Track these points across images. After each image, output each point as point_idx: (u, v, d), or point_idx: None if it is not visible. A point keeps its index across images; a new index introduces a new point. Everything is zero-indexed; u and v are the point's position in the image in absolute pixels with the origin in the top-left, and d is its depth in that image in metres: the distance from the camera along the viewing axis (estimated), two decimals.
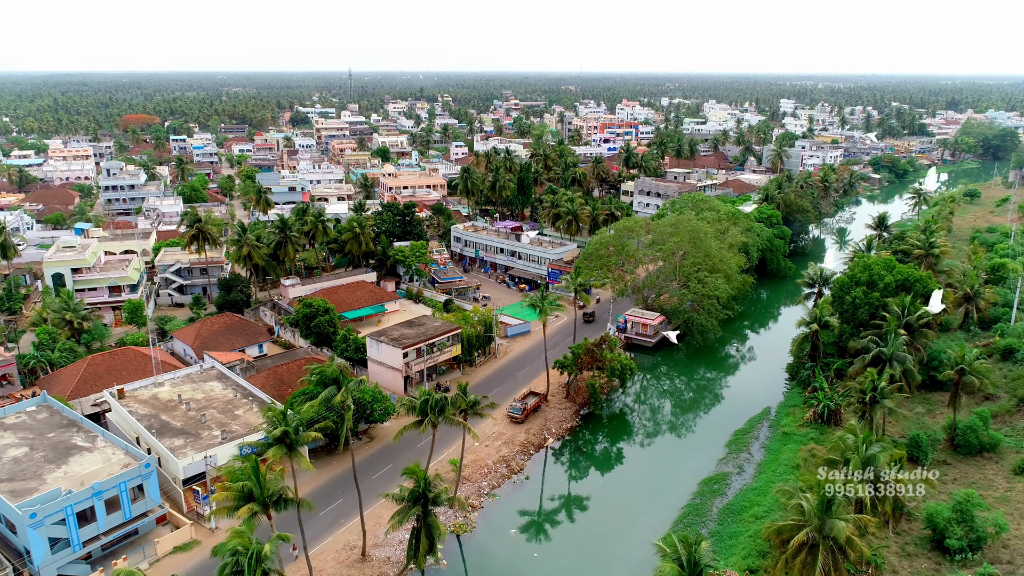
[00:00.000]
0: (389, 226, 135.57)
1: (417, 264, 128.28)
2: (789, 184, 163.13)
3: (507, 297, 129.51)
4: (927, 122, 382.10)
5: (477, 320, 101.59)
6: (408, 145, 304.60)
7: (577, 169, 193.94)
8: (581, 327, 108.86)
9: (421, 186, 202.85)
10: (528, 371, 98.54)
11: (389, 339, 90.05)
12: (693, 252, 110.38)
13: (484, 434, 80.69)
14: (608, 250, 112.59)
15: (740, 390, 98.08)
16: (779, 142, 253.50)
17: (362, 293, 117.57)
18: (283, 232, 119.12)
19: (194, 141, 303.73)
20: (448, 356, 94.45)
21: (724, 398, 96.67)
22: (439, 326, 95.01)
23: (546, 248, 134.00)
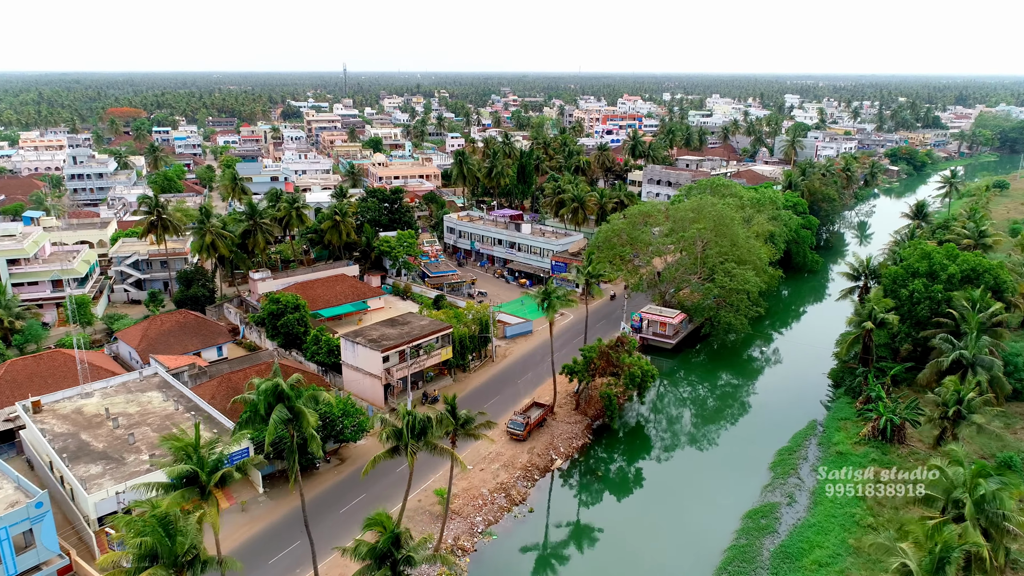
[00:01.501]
0: (374, 214, 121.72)
1: (405, 256, 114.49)
2: (813, 171, 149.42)
3: (506, 293, 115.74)
4: (940, 115, 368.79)
5: (471, 318, 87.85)
6: (402, 137, 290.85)
7: (581, 157, 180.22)
8: (593, 325, 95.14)
9: (413, 176, 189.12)
10: (531, 377, 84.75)
11: (367, 340, 76.22)
12: (717, 241, 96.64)
13: (479, 455, 66.86)
14: (621, 239, 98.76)
15: (776, 400, 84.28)
16: (792, 132, 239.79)
17: (341, 288, 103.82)
18: (252, 219, 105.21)
19: (177, 133, 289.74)
20: (437, 360, 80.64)
21: (758, 409, 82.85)
22: (426, 325, 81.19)
23: (549, 239, 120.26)
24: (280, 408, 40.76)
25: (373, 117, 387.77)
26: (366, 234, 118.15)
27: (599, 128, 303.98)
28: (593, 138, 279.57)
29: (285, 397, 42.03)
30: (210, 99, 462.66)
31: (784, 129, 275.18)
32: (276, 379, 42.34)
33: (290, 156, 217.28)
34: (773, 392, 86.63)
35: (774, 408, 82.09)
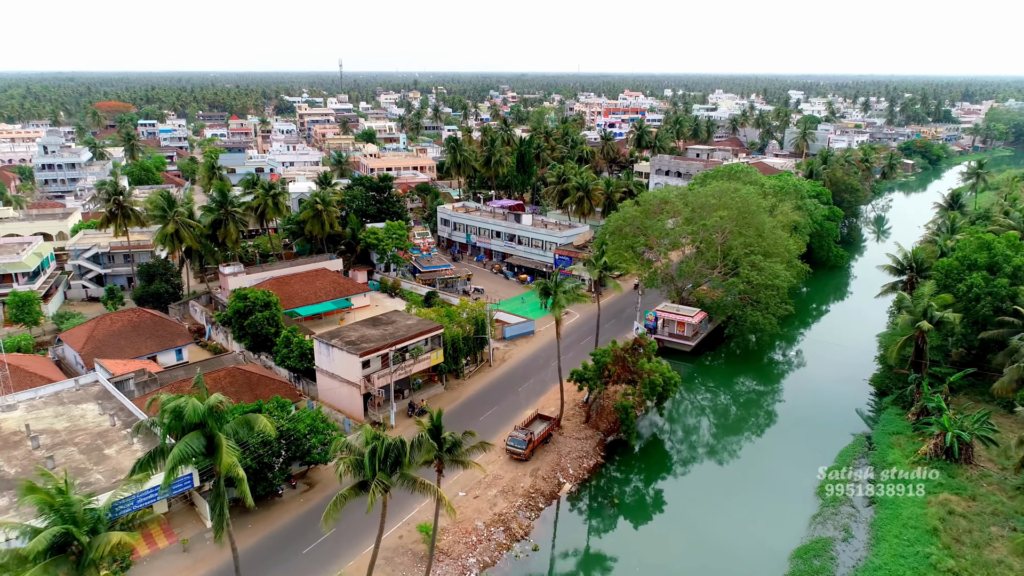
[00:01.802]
0: (360, 203, 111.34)
1: (394, 250, 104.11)
2: (834, 159, 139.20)
3: (504, 289, 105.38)
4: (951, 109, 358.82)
5: (466, 317, 77.53)
6: (397, 131, 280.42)
7: (584, 147, 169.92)
8: (602, 325, 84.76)
9: (407, 167, 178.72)
10: (533, 385, 74.42)
11: (343, 343, 65.78)
12: (741, 231, 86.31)
13: (472, 479, 56.47)
14: (633, 228, 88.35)
15: (811, 410, 73.94)
16: (803, 124, 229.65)
17: (322, 284, 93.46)
18: (223, 207, 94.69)
19: (164, 126, 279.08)
20: (426, 365, 70.23)
21: (792, 421, 72.48)
22: (413, 325, 70.79)
23: (552, 231, 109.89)
24: (191, 439, 30.22)
25: (368, 112, 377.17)
26: (351, 225, 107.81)
27: (601, 121, 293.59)
28: (595, 131, 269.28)
29: (202, 423, 31.36)
30: (201, 94, 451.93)
31: (794, 121, 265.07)
32: (184, 398, 31.69)
33: (278, 148, 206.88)
34: (807, 401, 76.23)
35: (811, 420, 71.77)
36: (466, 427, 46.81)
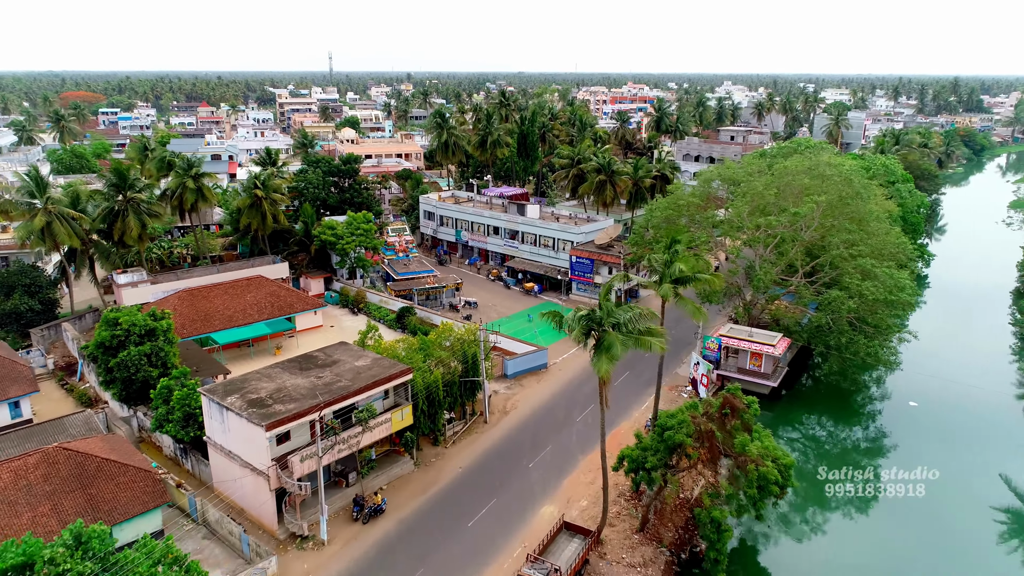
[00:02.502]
0: (317, 190, 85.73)
1: (359, 250, 78.62)
2: (908, 138, 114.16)
3: (504, 302, 79.96)
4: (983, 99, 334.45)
5: (450, 347, 52.14)
6: (383, 119, 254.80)
7: (597, 129, 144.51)
8: (637, 358, 58.74)
9: (390, 154, 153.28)
10: (551, 457, 48.97)
11: (244, 402, 40.20)
12: (840, 223, 60.97)
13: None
14: (689, 215, 63.00)
15: (981, 489, 48.55)
16: (836, 110, 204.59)
17: (254, 298, 67.88)
18: (121, 193, 68.97)
19: (126, 114, 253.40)
20: (385, 432, 44.70)
21: (962, 514, 46.97)
22: (366, 368, 45.25)
23: (566, 225, 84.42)
24: None
25: (356, 102, 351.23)
26: (304, 218, 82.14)
27: (607, 110, 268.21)
28: (602, 120, 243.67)
29: None
30: (178, 85, 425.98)
31: (821, 107, 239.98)
32: None
33: (243, 134, 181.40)
34: (968, 473, 50.77)
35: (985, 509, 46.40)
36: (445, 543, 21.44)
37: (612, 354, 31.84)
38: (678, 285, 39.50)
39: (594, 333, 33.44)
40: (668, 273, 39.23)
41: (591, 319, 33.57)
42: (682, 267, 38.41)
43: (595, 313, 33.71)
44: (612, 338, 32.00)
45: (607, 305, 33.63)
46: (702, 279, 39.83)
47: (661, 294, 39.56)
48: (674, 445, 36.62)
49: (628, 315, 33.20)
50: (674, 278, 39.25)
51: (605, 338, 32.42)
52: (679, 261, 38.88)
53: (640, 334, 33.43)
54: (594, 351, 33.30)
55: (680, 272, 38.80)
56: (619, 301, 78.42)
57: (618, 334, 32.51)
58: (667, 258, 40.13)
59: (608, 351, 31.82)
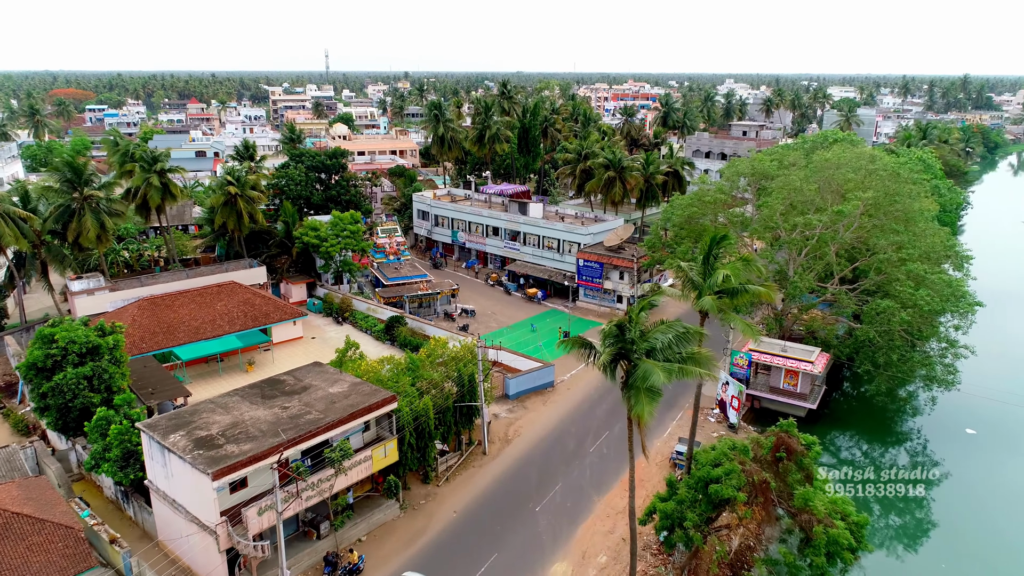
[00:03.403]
0: (299, 187, 78.46)
1: (345, 253, 71.37)
2: (936, 132, 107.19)
3: (505, 309, 72.74)
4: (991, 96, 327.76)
5: (443, 364, 44.96)
6: (378, 116, 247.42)
7: (602, 124, 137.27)
8: None
9: (383, 151, 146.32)
10: (562, 496, 41.71)
11: (189, 441, 32.93)
12: (887, 223, 53.80)
13: None
14: (713, 214, 55.77)
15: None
16: (847, 106, 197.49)
17: (226, 306, 60.62)
18: (76, 190, 61.63)
19: (113, 111, 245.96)
20: (363, 474, 37.44)
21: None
22: (341, 396, 37.97)
23: (572, 226, 77.18)
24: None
25: (351, 100, 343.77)
26: (285, 218, 74.85)
27: (609, 107, 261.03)
28: (604, 116, 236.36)
29: None
30: (171, 82, 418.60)
31: (829, 104, 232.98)
32: None
33: (231, 130, 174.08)
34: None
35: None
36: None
37: (652, 389, 24.57)
38: (722, 297, 32.24)
39: (623, 362, 26.17)
40: (710, 283, 31.86)
41: (620, 342, 26.27)
42: (728, 274, 31.05)
43: (624, 334, 26.40)
44: (649, 367, 24.66)
45: (640, 323, 26.34)
46: (752, 291, 32.50)
47: (701, 308, 32.21)
48: (720, 501, 29.36)
49: (668, 336, 25.95)
50: (717, 289, 31.94)
51: (639, 367, 25.14)
52: (724, 268, 31.53)
53: (683, 361, 26.16)
54: (624, 385, 26.02)
55: (726, 281, 31.45)
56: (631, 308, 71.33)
57: (656, 362, 25.23)
58: (699, 268, 32.59)
59: (646, 384, 24.51)
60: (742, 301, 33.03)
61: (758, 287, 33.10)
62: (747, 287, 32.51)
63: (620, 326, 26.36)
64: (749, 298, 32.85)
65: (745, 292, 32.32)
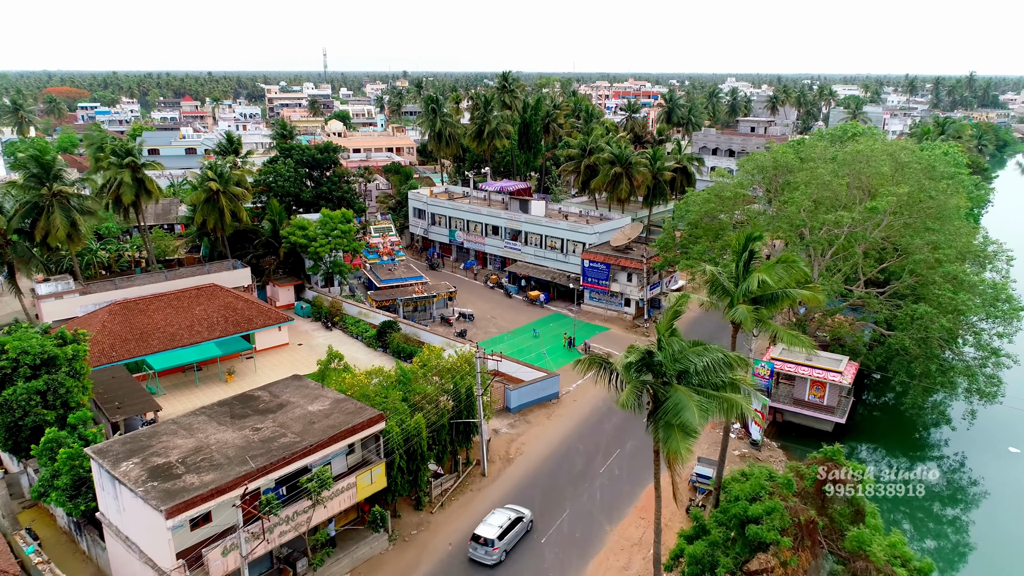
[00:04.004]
0: (288, 184, 74.10)
1: (335, 253, 67.03)
2: (957, 130, 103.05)
3: (506, 313, 68.38)
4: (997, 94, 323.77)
5: (438, 374, 40.66)
6: (376, 113, 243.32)
7: (606, 120, 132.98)
8: None
9: (380, 148, 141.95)
10: (570, 526, 37.36)
11: (146, 472, 28.54)
12: (920, 221, 49.50)
13: None
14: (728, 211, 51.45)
15: None
16: (853, 104, 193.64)
17: (205, 311, 56.31)
18: (44, 185, 57.29)
19: (104, 108, 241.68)
20: (346, 504, 33.08)
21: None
22: (322, 414, 33.63)
23: (577, 224, 72.87)
24: None
25: (349, 98, 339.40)
26: (272, 216, 70.48)
27: (610, 104, 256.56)
28: (606, 114, 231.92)
29: None
30: (166, 81, 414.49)
31: (836, 100, 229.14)
32: None
33: (224, 127, 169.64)
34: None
35: None
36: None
37: (685, 424, 20.21)
38: (758, 306, 27.86)
39: (649, 388, 21.80)
40: (742, 289, 27.44)
41: (647, 366, 21.90)
42: (765, 279, 26.61)
43: (652, 356, 22.03)
44: (682, 400, 20.29)
45: (672, 344, 21.95)
46: (796, 296, 28.10)
47: (734, 319, 27.82)
48: (757, 542, 25.01)
49: (705, 359, 21.63)
50: (753, 296, 27.54)
51: (671, 397, 20.79)
52: (761, 271, 27.03)
53: (718, 387, 21.82)
54: (651, 417, 21.65)
55: (763, 287, 27.00)
56: (639, 312, 66.98)
57: (689, 390, 20.87)
58: (731, 271, 28.06)
59: (679, 418, 20.14)
60: (781, 308, 28.73)
61: (800, 291, 28.68)
62: (788, 291, 28.12)
63: (649, 352, 21.90)
64: (789, 303, 28.54)
65: (786, 297, 27.93)
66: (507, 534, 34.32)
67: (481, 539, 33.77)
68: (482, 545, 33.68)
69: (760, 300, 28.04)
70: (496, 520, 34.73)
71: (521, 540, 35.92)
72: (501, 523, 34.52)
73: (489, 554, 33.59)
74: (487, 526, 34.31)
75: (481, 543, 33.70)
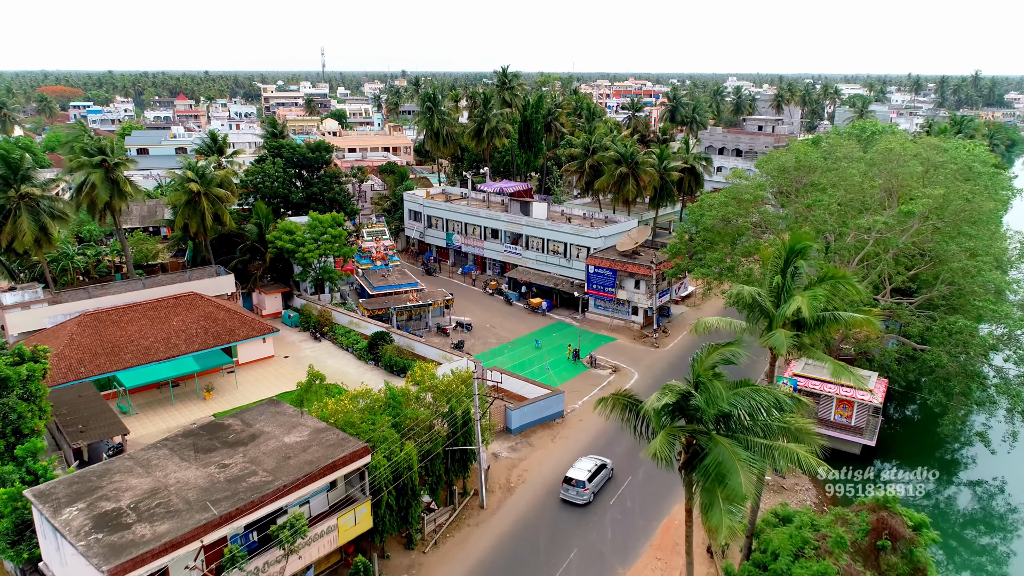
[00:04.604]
0: (277, 185, 70.16)
1: (324, 259, 63.12)
2: (976, 128, 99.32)
3: (506, 322, 64.48)
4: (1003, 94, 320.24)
5: (432, 396, 36.86)
6: (373, 112, 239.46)
7: (609, 119, 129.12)
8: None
9: (376, 148, 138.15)
10: (576, 570, 33.40)
11: (90, 520, 24.59)
12: (956, 225, 45.65)
13: None
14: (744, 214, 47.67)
15: None
16: (861, 103, 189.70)
17: (183, 322, 52.44)
18: (11, 187, 53.38)
19: (97, 107, 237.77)
20: (327, 549, 29.15)
21: None
22: (299, 446, 29.68)
23: (581, 227, 68.98)
24: None
25: (346, 97, 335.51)
26: (258, 219, 66.53)
27: (611, 103, 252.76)
28: (607, 113, 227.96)
29: None
30: (162, 80, 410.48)
31: (841, 100, 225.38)
32: None
33: (216, 126, 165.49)
34: None
35: None
36: None
37: (730, 488, 16.33)
38: (802, 332, 23.89)
39: (682, 436, 17.92)
40: (783, 311, 23.40)
41: (680, 411, 17.99)
42: (810, 302, 22.44)
43: (690, 399, 18.09)
44: (725, 457, 16.34)
45: (713, 386, 17.98)
46: (847, 321, 24.08)
47: (770, 344, 23.83)
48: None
49: (753, 401, 17.72)
50: (796, 318, 23.54)
51: (711, 451, 16.89)
52: (812, 291, 22.84)
53: (771, 433, 17.90)
54: (685, 469, 17.74)
55: (812, 308, 22.84)
56: (648, 321, 63.07)
57: (734, 444, 16.94)
58: (777, 282, 23.90)
59: (722, 481, 16.26)
60: (829, 334, 24.85)
61: (853, 315, 24.70)
62: (838, 315, 24.20)
63: (687, 395, 17.97)
64: (839, 328, 24.71)
65: (835, 322, 24.05)
66: (595, 477, 38.50)
67: (573, 481, 37.89)
68: (573, 486, 37.77)
69: (803, 324, 24.11)
70: (584, 465, 39.08)
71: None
72: (589, 468, 38.78)
73: (580, 494, 37.65)
74: (577, 469, 38.55)
75: (572, 484, 37.83)
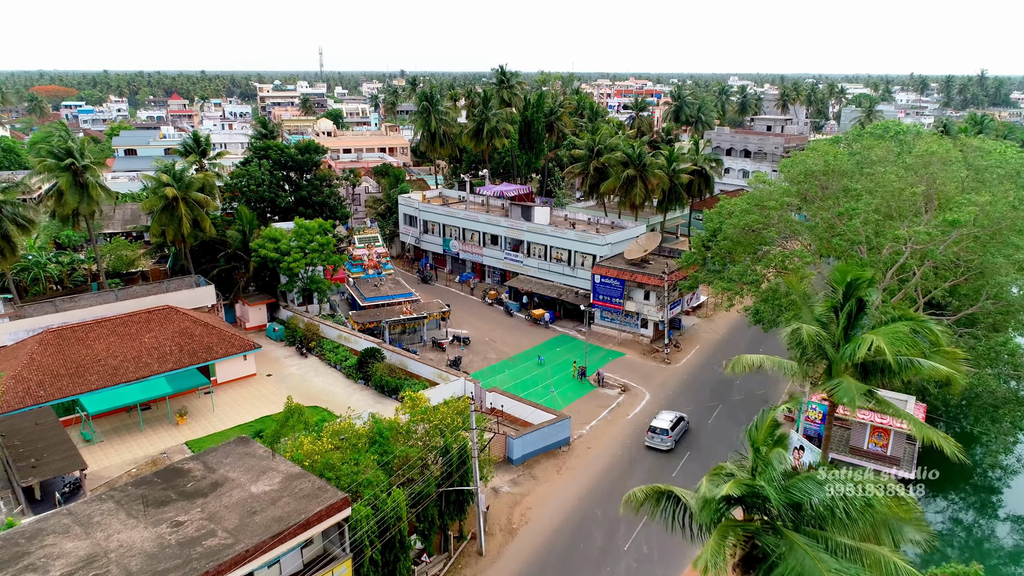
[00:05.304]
0: (263, 188, 65.92)
1: (312, 268, 58.92)
2: (996, 128, 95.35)
3: (506, 335, 60.29)
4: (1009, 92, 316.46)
5: (422, 431, 32.69)
6: (370, 112, 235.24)
7: (612, 119, 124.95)
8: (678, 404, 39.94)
9: (371, 149, 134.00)
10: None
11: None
12: (1004, 236, 41.50)
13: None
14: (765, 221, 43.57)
15: None
16: (868, 102, 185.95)
17: (155, 338, 48.29)
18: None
19: (89, 107, 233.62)
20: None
21: None
22: (268, 496, 25.43)
23: (587, 234, 64.80)
24: None
25: (344, 97, 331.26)
26: (241, 224, 62.27)
27: (612, 103, 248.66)
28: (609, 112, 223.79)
29: None
30: (157, 80, 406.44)
31: (846, 99, 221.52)
32: None
33: (209, 126, 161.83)
34: None
35: None
36: None
37: None
38: (870, 377, 19.72)
39: (740, 533, 13.75)
40: (847, 353, 19.06)
41: (739, 502, 13.83)
42: (896, 337, 18.06)
43: (747, 486, 13.91)
44: (805, 560, 12.24)
45: (774, 466, 13.76)
46: (925, 371, 19.83)
47: (839, 400, 19.61)
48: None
49: (834, 488, 13.59)
50: (861, 361, 19.29)
51: (784, 556, 12.69)
52: (888, 332, 18.53)
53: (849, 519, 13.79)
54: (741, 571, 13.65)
55: (879, 352, 18.59)
56: (658, 335, 58.91)
57: (812, 543, 12.84)
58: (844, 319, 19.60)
59: None
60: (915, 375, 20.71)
61: (936, 364, 20.36)
62: (914, 361, 19.99)
63: (753, 489, 13.67)
64: (915, 373, 20.57)
65: (910, 368, 19.86)
66: (676, 427, 42.95)
67: (657, 429, 42.40)
68: (658, 434, 42.20)
69: (869, 369, 19.95)
70: (667, 416, 43.62)
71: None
72: (671, 419, 43.29)
73: (664, 441, 42.09)
74: (660, 420, 43.14)
75: (657, 432, 42.27)
